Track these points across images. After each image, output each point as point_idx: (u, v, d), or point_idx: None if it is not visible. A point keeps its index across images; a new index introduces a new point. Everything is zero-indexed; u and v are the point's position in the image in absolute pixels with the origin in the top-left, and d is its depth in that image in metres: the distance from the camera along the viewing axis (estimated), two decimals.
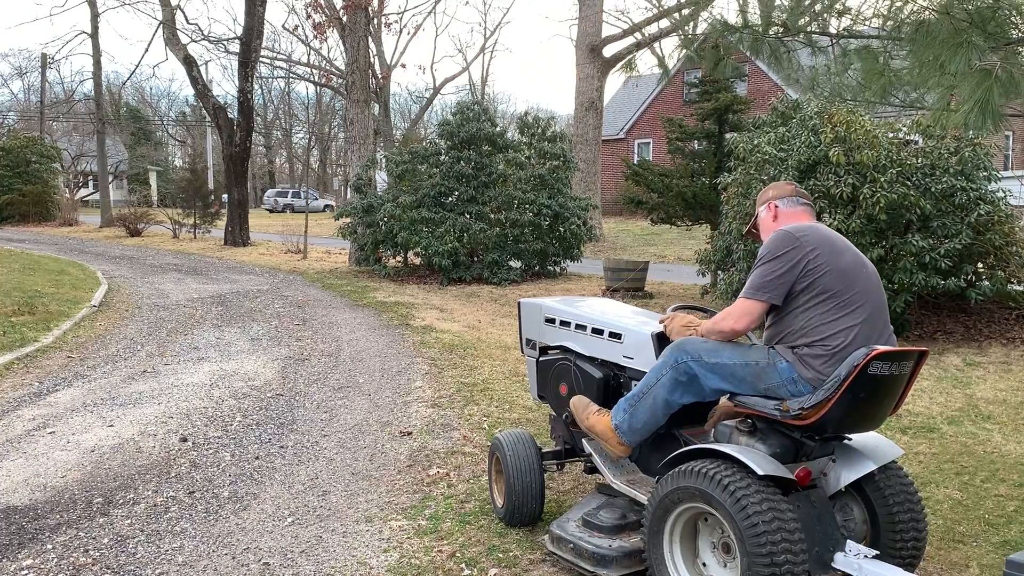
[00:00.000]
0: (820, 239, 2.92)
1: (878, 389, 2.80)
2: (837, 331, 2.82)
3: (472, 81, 50.33)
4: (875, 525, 3.05)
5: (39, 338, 8.13)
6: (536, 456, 3.74)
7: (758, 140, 9.10)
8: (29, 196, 30.50)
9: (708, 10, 5.71)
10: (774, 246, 2.95)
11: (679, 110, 27.46)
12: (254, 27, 20.82)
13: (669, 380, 3.05)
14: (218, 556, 3.53)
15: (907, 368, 2.87)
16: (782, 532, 2.65)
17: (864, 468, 2.98)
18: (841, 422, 2.85)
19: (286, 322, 9.73)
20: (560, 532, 3.34)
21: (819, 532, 2.86)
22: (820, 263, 2.86)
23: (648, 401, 3.12)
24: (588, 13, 20.58)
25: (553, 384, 3.87)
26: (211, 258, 18.27)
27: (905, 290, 7.89)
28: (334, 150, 61.42)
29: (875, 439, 3.11)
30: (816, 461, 3.00)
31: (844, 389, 2.71)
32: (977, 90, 3.21)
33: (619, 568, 3.14)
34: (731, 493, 2.70)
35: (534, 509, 3.74)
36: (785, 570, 2.63)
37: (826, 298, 2.85)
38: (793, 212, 3.18)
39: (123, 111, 50.94)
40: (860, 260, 2.99)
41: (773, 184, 3.33)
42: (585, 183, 20.22)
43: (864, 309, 2.86)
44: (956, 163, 8.11)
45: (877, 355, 2.69)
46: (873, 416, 2.91)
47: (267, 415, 5.77)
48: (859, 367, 2.68)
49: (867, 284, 2.92)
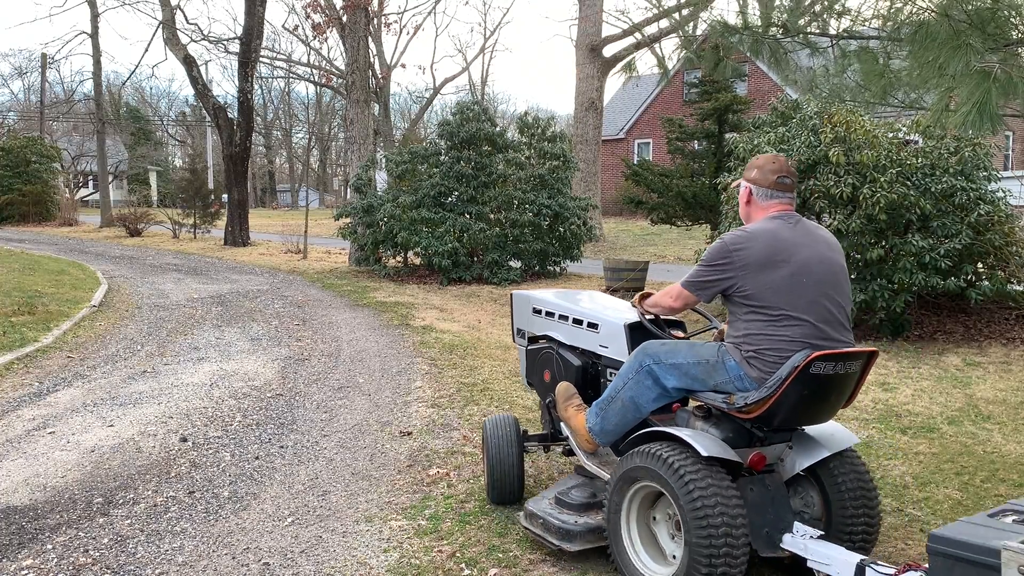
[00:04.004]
0: (758, 253, 2.98)
1: (822, 387, 2.94)
2: (773, 341, 2.95)
3: (472, 81, 50.37)
4: (829, 509, 3.16)
5: (39, 338, 8.14)
6: (516, 438, 3.94)
7: (758, 140, 9.11)
8: (29, 196, 30.49)
9: (708, 10, 5.72)
10: (710, 254, 3.09)
11: (679, 110, 27.45)
12: (254, 27, 20.82)
13: (635, 383, 3.23)
14: (218, 556, 3.53)
15: (854, 367, 3.00)
16: (723, 512, 2.81)
17: (818, 455, 3.12)
18: (788, 416, 2.99)
19: (286, 322, 9.74)
20: (533, 508, 3.55)
21: (771, 514, 3.02)
22: (747, 281, 2.98)
23: (617, 405, 3.30)
24: (588, 13, 20.58)
25: (538, 371, 4.07)
26: (211, 258, 18.27)
27: (905, 290, 7.90)
28: (334, 150, 61.45)
29: (832, 427, 3.24)
30: (773, 447, 3.17)
31: (784, 388, 2.87)
32: (975, 91, 3.21)
33: (582, 542, 3.33)
34: (677, 473, 2.89)
35: (514, 487, 3.96)
36: (724, 547, 2.80)
37: (760, 311, 2.98)
38: (764, 204, 3.18)
39: (123, 111, 50.94)
40: (807, 268, 2.98)
41: (761, 159, 3.24)
42: (585, 183, 20.21)
43: (805, 318, 2.95)
44: (956, 163, 8.11)
45: (819, 356, 2.85)
46: (821, 411, 3.06)
47: (267, 415, 5.77)
48: (799, 368, 2.84)
49: (813, 291, 2.97)
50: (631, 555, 3.16)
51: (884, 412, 5.88)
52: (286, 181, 65.70)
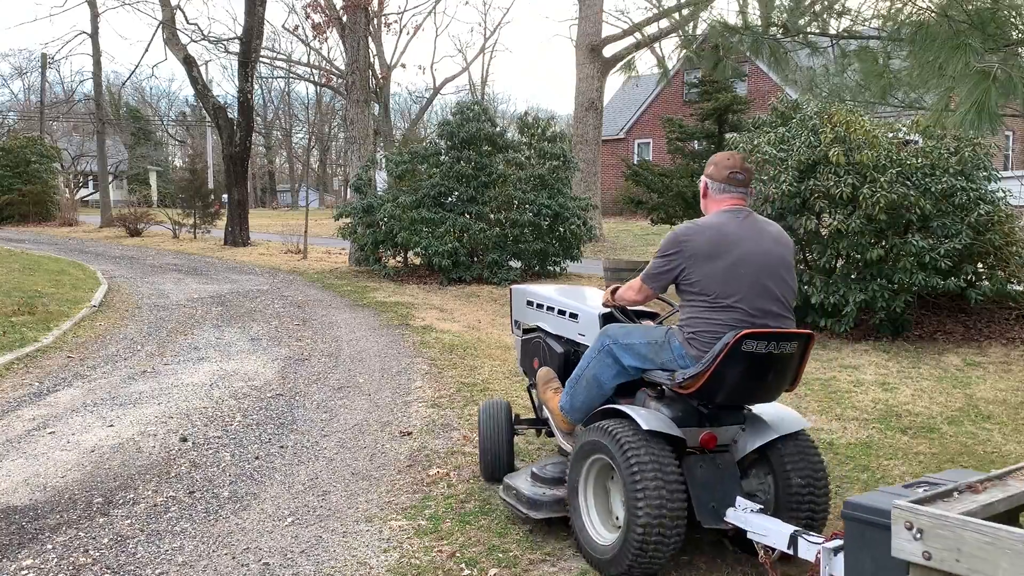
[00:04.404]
0: (703, 244, 3.24)
1: (756, 365, 3.16)
2: (710, 324, 3.22)
3: (472, 81, 50.30)
4: (777, 489, 3.35)
5: (39, 338, 8.14)
6: (506, 420, 4.25)
7: (758, 140, 9.10)
8: (29, 196, 30.47)
9: (708, 10, 5.71)
10: (663, 246, 3.38)
11: (679, 110, 27.45)
12: (254, 27, 20.81)
13: (596, 362, 3.52)
14: (218, 556, 3.53)
15: (789, 348, 3.22)
16: (660, 483, 3.06)
17: (767, 437, 3.34)
18: (727, 393, 3.24)
19: (286, 322, 9.74)
20: (510, 482, 3.84)
21: (719, 490, 3.25)
22: (693, 270, 3.25)
23: (583, 384, 3.58)
24: (588, 13, 20.57)
25: (529, 358, 4.37)
26: (211, 258, 18.27)
27: (905, 290, 7.90)
28: (334, 150, 61.41)
29: (783, 412, 3.47)
30: (727, 429, 3.40)
31: (717, 364, 3.11)
32: (975, 92, 3.21)
33: (548, 511, 3.61)
34: (620, 445, 3.16)
35: (503, 465, 4.24)
36: (658, 516, 3.04)
37: (701, 297, 3.25)
38: (718, 198, 3.41)
39: (123, 111, 50.94)
40: (746, 259, 3.22)
41: (718, 156, 3.49)
42: (585, 183, 20.20)
43: (741, 304, 3.20)
44: (956, 163, 8.11)
45: (749, 335, 3.09)
46: (759, 390, 3.29)
47: (267, 415, 5.77)
48: (729, 345, 3.09)
49: (751, 280, 3.21)
50: (586, 521, 3.42)
51: (884, 412, 5.88)
52: (286, 181, 65.69)
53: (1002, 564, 1.91)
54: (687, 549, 3.54)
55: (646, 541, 3.05)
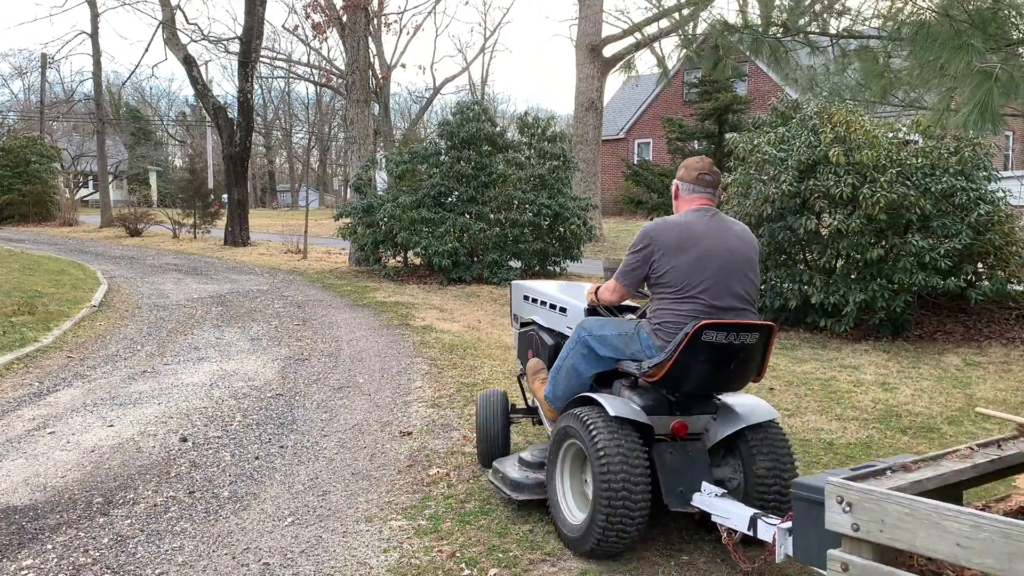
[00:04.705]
0: (671, 238, 3.43)
1: (717, 354, 3.32)
2: (673, 315, 3.39)
3: (472, 81, 50.28)
4: (746, 476, 3.49)
5: (39, 338, 8.13)
6: (503, 409, 4.44)
7: (758, 140, 9.10)
8: (29, 196, 30.47)
9: (708, 10, 5.70)
10: (634, 242, 3.54)
11: (679, 110, 27.45)
12: (254, 27, 20.81)
13: (575, 352, 3.72)
14: (218, 556, 3.53)
15: (750, 339, 3.35)
16: (625, 467, 3.24)
17: (736, 426, 3.49)
18: (693, 381, 3.42)
19: (286, 322, 9.73)
20: (498, 466, 4.10)
21: (688, 476, 3.40)
22: (662, 263, 3.42)
23: (563, 373, 3.78)
24: (588, 13, 20.56)
25: (524, 350, 4.58)
26: (211, 258, 18.26)
27: (905, 290, 7.90)
28: (334, 150, 61.39)
29: (754, 403, 3.63)
30: (698, 418, 3.57)
31: (678, 353, 3.28)
32: (977, 92, 3.21)
33: (529, 493, 3.84)
34: (589, 430, 3.36)
35: (499, 452, 4.41)
36: (622, 498, 3.22)
37: (667, 289, 3.43)
38: (688, 198, 3.61)
39: (123, 111, 50.93)
40: (710, 254, 3.40)
41: (689, 160, 3.70)
42: (585, 183, 20.20)
43: (703, 297, 3.37)
44: (956, 163, 8.11)
45: (709, 325, 3.26)
46: (724, 378, 3.44)
47: (267, 415, 5.77)
48: (689, 335, 3.26)
49: (714, 274, 3.39)
50: (561, 502, 3.63)
51: (884, 412, 5.87)
52: (286, 181, 65.68)
53: (920, 533, 2.09)
54: (687, 549, 3.55)
55: (610, 521, 3.24)
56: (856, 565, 2.26)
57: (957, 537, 2.02)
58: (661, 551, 3.54)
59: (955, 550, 2.03)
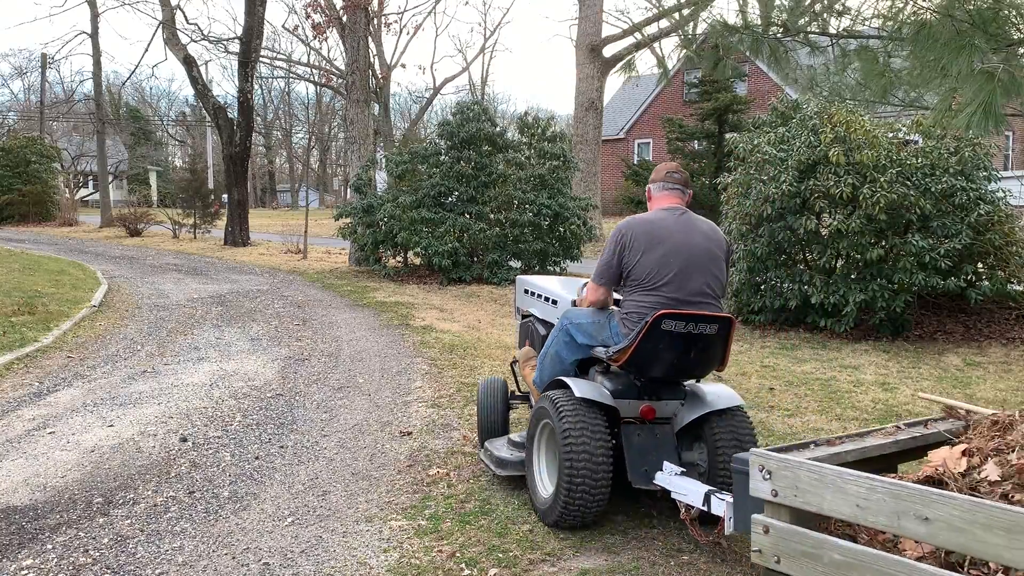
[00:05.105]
0: (640, 234, 3.67)
1: (676, 342, 3.53)
2: (639, 305, 3.63)
3: (472, 81, 50.24)
4: (710, 458, 3.67)
5: (39, 338, 8.13)
6: (502, 396, 4.63)
7: (758, 140, 9.10)
8: (29, 196, 30.47)
9: (708, 10, 5.70)
10: (609, 241, 3.78)
11: (679, 110, 27.43)
12: (254, 27, 20.81)
13: (557, 340, 3.98)
14: (218, 556, 3.53)
15: (708, 329, 3.55)
16: (587, 445, 3.50)
17: (701, 410, 3.71)
18: (654, 366, 3.63)
19: (286, 322, 9.73)
20: (488, 445, 4.40)
21: (653, 456, 3.63)
22: (631, 258, 3.66)
23: (548, 359, 4.04)
24: (588, 13, 20.56)
25: (522, 340, 4.85)
26: (211, 258, 18.26)
27: (905, 290, 7.90)
28: (334, 150, 61.38)
29: (720, 390, 3.84)
30: (667, 403, 3.79)
31: (639, 340, 3.51)
32: (979, 93, 3.21)
33: (511, 469, 4.11)
34: (557, 409, 3.63)
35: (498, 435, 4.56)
36: (583, 474, 3.48)
37: (635, 282, 3.68)
38: (659, 196, 3.88)
39: (123, 111, 50.90)
40: (677, 250, 3.63)
41: (659, 165, 4.01)
42: (585, 183, 20.20)
43: (668, 288, 3.60)
44: (956, 163, 8.11)
45: (668, 314, 3.48)
46: (686, 365, 3.65)
47: (267, 415, 5.77)
48: (648, 323, 3.48)
49: (679, 269, 3.61)
50: (536, 477, 3.89)
51: (884, 412, 5.87)
52: (286, 181, 65.66)
53: (827, 496, 2.34)
54: (687, 549, 3.54)
55: (571, 495, 3.50)
56: (776, 527, 2.51)
57: (856, 499, 2.26)
58: (661, 551, 3.54)
59: (855, 510, 2.27)
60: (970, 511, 2.06)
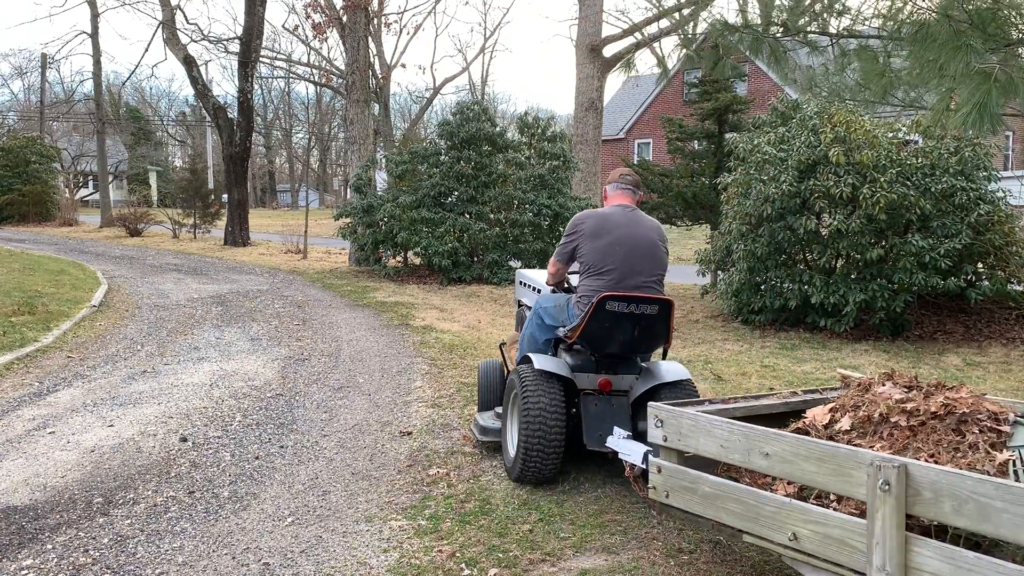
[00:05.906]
0: (593, 225, 4.22)
1: (622, 321, 4.02)
2: (589, 289, 4.15)
3: (472, 81, 50.26)
4: None
5: (39, 338, 8.13)
6: (499, 375, 5.04)
7: (758, 140, 9.10)
8: (29, 196, 30.48)
9: (708, 10, 5.71)
10: (568, 227, 4.36)
11: (679, 110, 27.43)
12: (254, 27, 20.81)
13: (532, 322, 4.56)
14: (218, 556, 3.53)
15: (649, 310, 4.03)
16: (542, 412, 4.02)
17: (652, 383, 4.16)
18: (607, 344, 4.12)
19: (286, 322, 9.73)
20: (477, 417, 4.98)
21: (608, 423, 4.02)
22: (585, 245, 4.21)
23: (526, 340, 4.57)
24: (588, 13, 20.52)
25: (518, 326, 5.33)
26: (211, 258, 18.26)
27: (905, 290, 7.90)
28: (334, 150, 61.38)
29: (671, 366, 4.29)
30: (623, 377, 4.27)
31: (587, 319, 4.02)
32: (976, 92, 3.21)
33: (492, 436, 4.69)
34: (521, 380, 4.17)
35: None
36: (538, 437, 4.00)
37: (586, 267, 4.21)
38: (613, 195, 4.44)
39: (123, 111, 50.90)
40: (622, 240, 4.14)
41: (614, 170, 4.56)
42: (585, 183, 20.15)
43: (614, 275, 4.11)
44: (956, 163, 8.11)
45: (611, 296, 3.97)
46: (633, 342, 4.13)
47: (267, 415, 5.77)
48: (593, 305, 3.99)
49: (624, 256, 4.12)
50: (508, 440, 4.43)
51: None
52: (286, 181, 65.68)
53: (700, 439, 2.84)
54: (687, 549, 3.55)
55: (528, 453, 4.03)
56: (666, 468, 3.03)
57: (720, 440, 2.75)
58: (661, 551, 3.54)
59: (720, 449, 2.76)
60: (794, 446, 2.52)
